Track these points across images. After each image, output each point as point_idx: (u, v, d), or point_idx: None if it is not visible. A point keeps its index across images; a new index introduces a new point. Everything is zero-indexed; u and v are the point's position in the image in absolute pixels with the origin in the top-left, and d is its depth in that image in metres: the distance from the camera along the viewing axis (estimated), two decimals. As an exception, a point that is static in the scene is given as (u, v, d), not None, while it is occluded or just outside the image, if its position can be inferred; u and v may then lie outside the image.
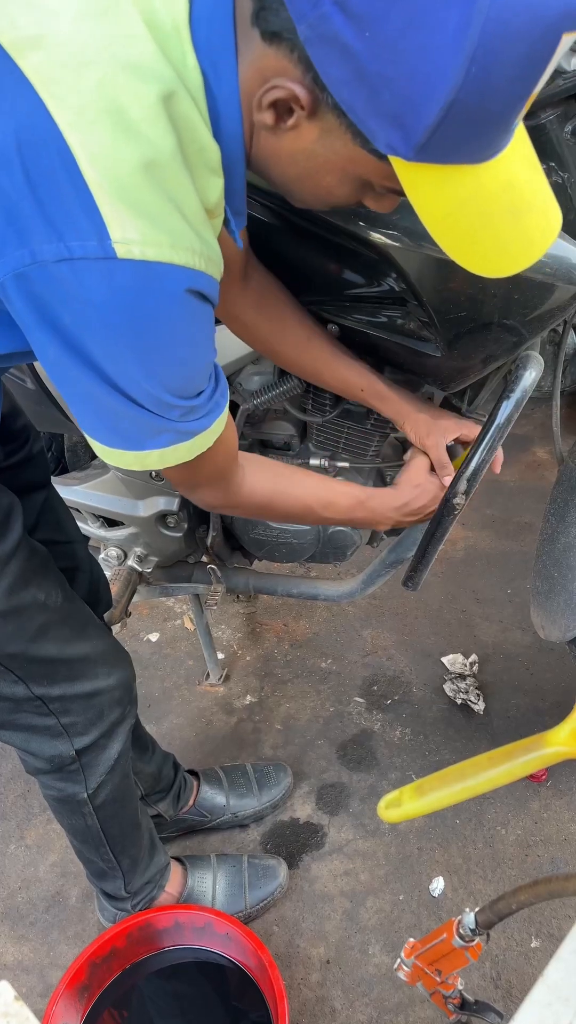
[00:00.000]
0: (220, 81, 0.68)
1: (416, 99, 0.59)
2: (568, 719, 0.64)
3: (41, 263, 0.66)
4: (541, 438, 2.67)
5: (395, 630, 2.06)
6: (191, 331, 0.74)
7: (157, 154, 0.65)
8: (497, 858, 1.55)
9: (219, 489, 0.97)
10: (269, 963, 1.23)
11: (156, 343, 0.71)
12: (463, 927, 0.73)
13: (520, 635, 2.00)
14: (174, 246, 0.68)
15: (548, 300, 1.05)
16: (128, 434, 0.78)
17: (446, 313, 1.06)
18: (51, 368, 0.75)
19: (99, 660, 1.14)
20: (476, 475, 1.19)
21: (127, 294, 0.67)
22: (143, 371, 0.72)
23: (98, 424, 0.79)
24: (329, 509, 1.10)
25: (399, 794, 0.70)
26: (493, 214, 0.69)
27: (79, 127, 0.63)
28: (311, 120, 0.68)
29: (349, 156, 0.70)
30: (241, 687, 1.95)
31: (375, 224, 1.02)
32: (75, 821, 1.26)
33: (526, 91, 0.60)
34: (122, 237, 0.65)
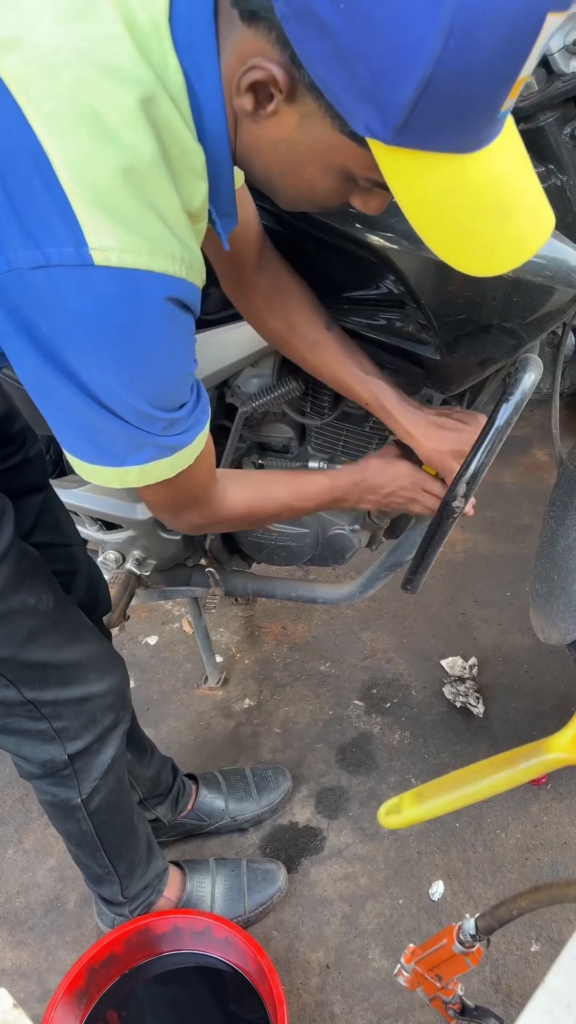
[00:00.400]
0: (202, 80, 0.67)
1: (392, 74, 0.57)
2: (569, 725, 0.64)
3: (17, 271, 0.64)
4: (540, 440, 2.67)
5: (394, 633, 2.06)
6: (171, 340, 0.73)
7: (137, 160, 0.64)
8: (497, 862, 1.54)
9: (203, 508, 0.95)
10: (268, 968, 1.23)
11: (135, 352, 0.70)
12: (463, 933, 0.73)
13: (520, 638, 2.00)
14: (153, 252, 0.66)
15: (547, 303, 1.05)
16: (107, 449, 0.76)
17: (445, 316, 1.06)
18: (29, 380, 0.73)
19: (91, 665, 1.13)
20: (475, 478, 1.19)
21: (104, 302, 0.66)
22: (122, 381, 0.71)
23: (77, 438, 0.77)
24: (303, 500, 1.11)
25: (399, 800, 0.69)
26: (479, 209, 0.67)
27: (55, 133, 0.62)
28: (290, 105, 0.66)
29: (329, 143, 0.67)
30: (240, 690, 1.94)
31: (374, 227, 1.02)
32: (70, 826, 1.26)
33: (510, 73, 0.58)
34: (99, 244, 0.63)
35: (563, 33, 0.98)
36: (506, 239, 0.69)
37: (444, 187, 0.65)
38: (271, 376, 1.29)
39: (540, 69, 1.03)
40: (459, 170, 0.64)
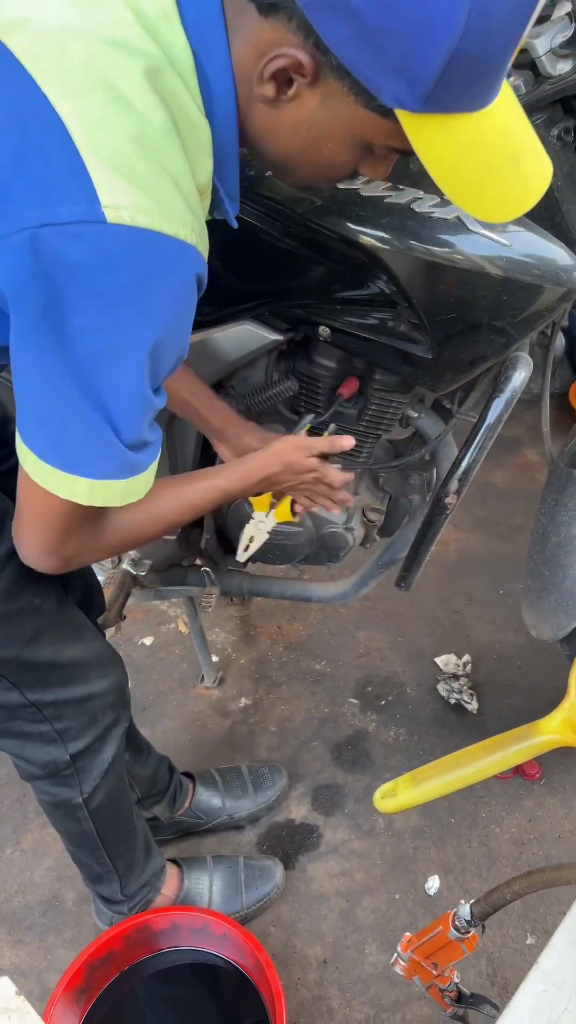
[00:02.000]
0: (212, 61, 0.70)
1: (421, 48, 0.61)
2: (560, 708, 0.65)
3: (25, 229, 0.64)
4: (531, 440, 2.69)
5: (389, 631, 2.07)
6: (173, 303, 0.72)
7: (148, 126, 0.66)
8: (492, 856, 1.56)
9: (90, 535, 0.86)
10: (266, 963, 1.24)
11: (139, 311, 0.69)
12: (459, 919, 0.74)
13: (513, 635, 2.02)
14: (165, 216, 0.67)
15: (536, 302, 1.07)
16: (70, 451, 0.74)
17: (436, 315, 1.08)
18: (18, 354, 0.71)
19: (92, 664, 1.14)
20: (467, 474, 1.21)
21: (113, 260, 0.65)
22: (119, 343, 0.69)
23: (43, 432, 0.74)
24: (193, 510, 1.01)
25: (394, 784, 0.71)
26: (494, 160, 0.71)
27: (69, 96, 0.63)
28: (312, 87, 0.70)
29: (352, 118, 0.71)
30: (236, 690, 1.96)
31: (365, 227, 1.03)
32: (70, 826, 1.26)
33: (518, 34, 0.64)
34: (112, 202, 0.64)
35: (549, 37, 1.00)
36: (518, 184, 0.74)
37: (463, 144, 0.69)
38: (265, 376, 1.30)
39: (527, 72, 1.05)
40: (474, 126, 0.69)
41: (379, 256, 1.04)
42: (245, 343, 1.23)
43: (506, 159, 0.72)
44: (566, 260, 1.06)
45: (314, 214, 1.05)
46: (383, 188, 1.02)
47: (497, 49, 0.63)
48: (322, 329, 1.19)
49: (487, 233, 1.03)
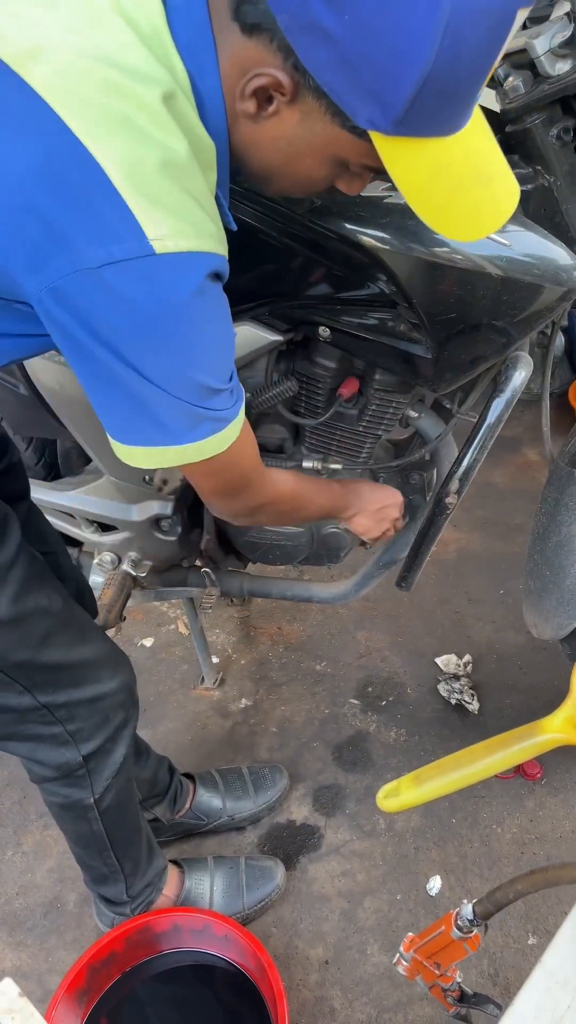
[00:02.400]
0: (204, 79, 0.72)
1: (394, 74, 0.65)
2: (562, 706, 0.65)
3: (83, 271, 0.68)
4: (531, 440, 2.69)
5: (389, 632, 2.07)
6: (221, 310, 0.78)
7: (172, 155, 0.69)
8: (493, 856, 1.56)
9: (255, 488, 0.99)
10: (268, 964, 1.24)
11: (197, 329, 0.74)
12: (461, 918, 0.74)
13: (513, 635, 2.02)
14: (199, 235, 0.71)
15: (536, 301, 1.07)
16: (169, 430, 0.80)
17: (436, 315, 1.08)
18: (91, 375, 0.77)
19: (101, 664, 1.15)
20: (468, 474, 1.21)
21: (167, 288, 0.70)
22: (186, 361, 0.75)
23: (138, 424, 0.80)
24: (319, 496, 1.16)
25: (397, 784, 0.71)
26: (464, 182, 0.75)
27: (98, 137, 0.66)
28: (291, 105, 0.73)
29: (328, 137, 0.74)
30: (236, 691, 1.95)
31: (365, 228, 1.03)
32: (79, 827, 1.26)
33: (489, 63, 0.67)
34: (155, 234, 0.68)
35: (548, 37, 1.00)
36: (487, 204, 0.78)
37: (433, 167, 0.73)
38: (265, 377, 1.30)
39: (527, 72, 1.05)
40: (445, 150, 0.72)
41: (379, 256, 1.04)
42: (245, 344, 1.23)
43: (475, 182, 0.75)
44: (566, 260, 1.06)
45: (314, 215, 1.05)
46: (383, 188, 1.02)
47: (468, 77, 0.66)
48: (322, 329, 1.19)
49: (486, 233, 1.02)
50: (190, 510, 1.52)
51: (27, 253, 0.70)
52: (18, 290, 0.74)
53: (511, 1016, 0.56)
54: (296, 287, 1.16)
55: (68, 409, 1.34)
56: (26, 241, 0.69)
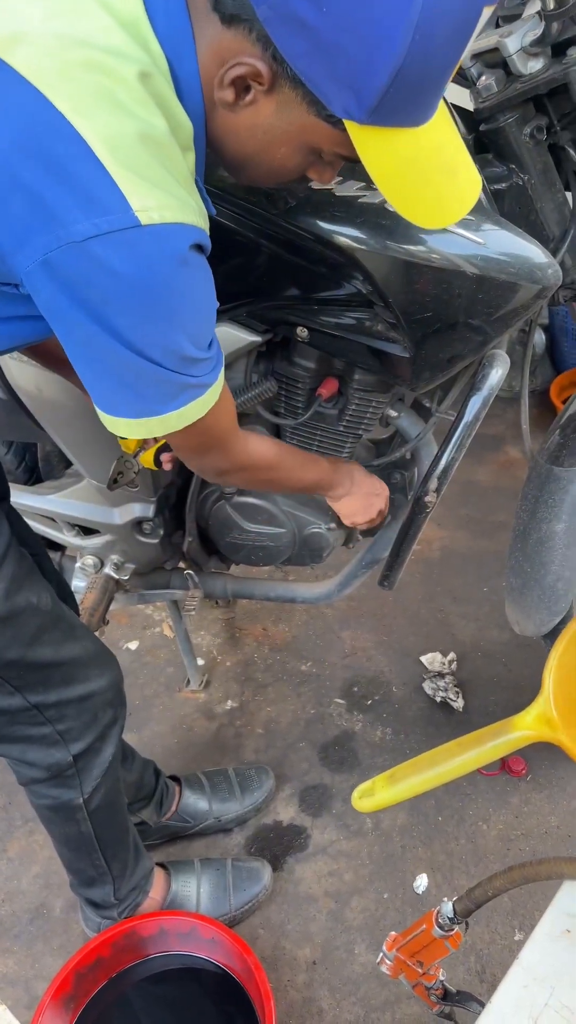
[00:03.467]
0: (183, 67, 0.74)
1: (370, 65, 0.68)
2: (534, 703, 0.66)
3: (71, 244, 0.69)
4: (513, 438, 2.70)
5: (374, 631, 2.07)
6: (204, 281, 0.80)
7: (152, 130, 0.71)
8: (479, 853, 1.56)
9: (228, 450, 1.01)
10: (255, 966, 1.24)
11: (180, 298, 0.76)
12: (442, 916, 0.74)
13: (497, 632, 2.02)
14: (182, 208, 0.73)
15: (512, 299, 1.07)
16: (153, 400, 0.82)
17: (412, 314, 1.08)
18: (79, 348, 0.79)
19: (90, 662, 1.15)
20: (446, 473, 1.21)
21: (153, 258, 0.72)
22: (171, 329, 0.77)
23: (123, 397, 0.82)
24: (306, 471, 1.19)
25: (372, 784, 0.71)
26: (431, 172, 0.78)
27: (80, 112, 0.68)
28: (269, 94, 0.75)
29: (304, 125, 0.77)
30: (222, 692, 1.95)
31: (341, 227, 1.03)
32: (68, 829, 1.26)
33: (456, 56, 0.71)
34: (141, 205, 0.69)
35: (520, 35, 1.00)
36: (451, 194, 0.81)
37: (403, 156, 0.76)
38: (244, 378, 1.30)
39: (499, 71, 1.05)
40: (414, 140, 0.75)
41: (354, 256, 1.04)
42: (223, 345, 1.21)
43: (441, 171, 0.79)
44: (540, 258, 1.06)
45: (289, 215, 1.05)
46: (357, 188, 1.02)
47: (437, 69, 0.70)
48: (300, 330, 1.19)
49: (462, 232, 1.03)
50: (172, 512, 1.51)
51: (14, 230, 0.71)
52: (7, 271, 0.75)
53: (490, 1013, 0.56)
54: (273, 288, 1.16)
55: (47, 412, 1.33)
56: (12, 218, 0.70)
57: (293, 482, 1.18)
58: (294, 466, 1.16)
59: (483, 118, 1.08)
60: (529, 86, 1.02)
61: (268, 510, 1.41)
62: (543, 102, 1.09)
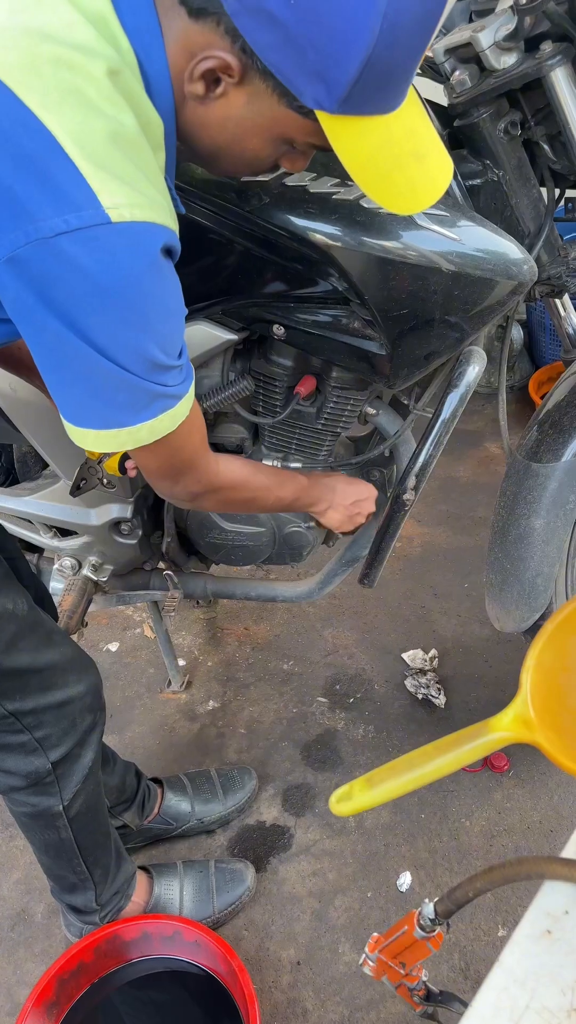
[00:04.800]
0: (152, 62, 0.73)
1: (339, 56, 0.68)
2: (511, 704, 0.65)
3: (39, 240, 0.68)
4: (493, 433, 2.70)
5: (355, 629, 2.07)
6: (174, 284, 0.78)
7: (122, 128, 0.70)
8: (462, 850, 1.56)
9: (199, 472, 0.98)
10: (239, 968, 1.23)
11: (149, 300, 0.74)
12: (423, 918, 0.73)
13: (478, 628, 2.03)
14: (152, 207, 0.72)
15: (488, 296, 1.07)
16: (121, 410, 0.80)
17: (388, 311, 1.08)
18: (45, 351, 0.76)
19: (68, 667, 1.14)
20: (424, 470, 1.20)
21: (122, 256, 0.70)
22: (139, 331, 0.75)
23: (91, 406, 0.80)
24: (282, 489, 1.17)
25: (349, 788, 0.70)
26: (403, 157, 0.79)
27: (50, 108, 0.67)
28: (239, 87, 0.75)
29: (275, 117, 0.77)
30: (204, 693, 1.94)
31: (316, 224, 1.03)
32: (48, 836, 1.25)
33: (425, 43, 0.72)
34: (112, 203, 0.68)
35: (493, 30, 1.00)
36: (423, 179, 0.81)
37: (374, 143, 0.77)
38: (221, 376, 1.29)
39: (473, 66, 1.05)
40: (385, 127, 0.76)
41: (329, 252, 1.04)
42: (199, 343, 1.21)
43: (412, 157, 0.79)
44: (516, 254, 1.06)
45: (263, 212, 1.04)
46: (331, 184, 1.02)
47: (405, 57, 0.70)
48: (276, 327, 1.18)
49: (437, 228, 1.03)
50: (150, 512, 1.50)
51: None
52: None
53: (470, 1018, 0.56)
54: (249, 285, 1.15)
55: (22, 413, 1.32)
56: None
57: (270, 502, 1.16)
58: (270, 485, 1.14)
59: (457, 113, 1.08)
60: (503, 81, 1.02)
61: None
62: (517, 97, 1.09)
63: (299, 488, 1.20)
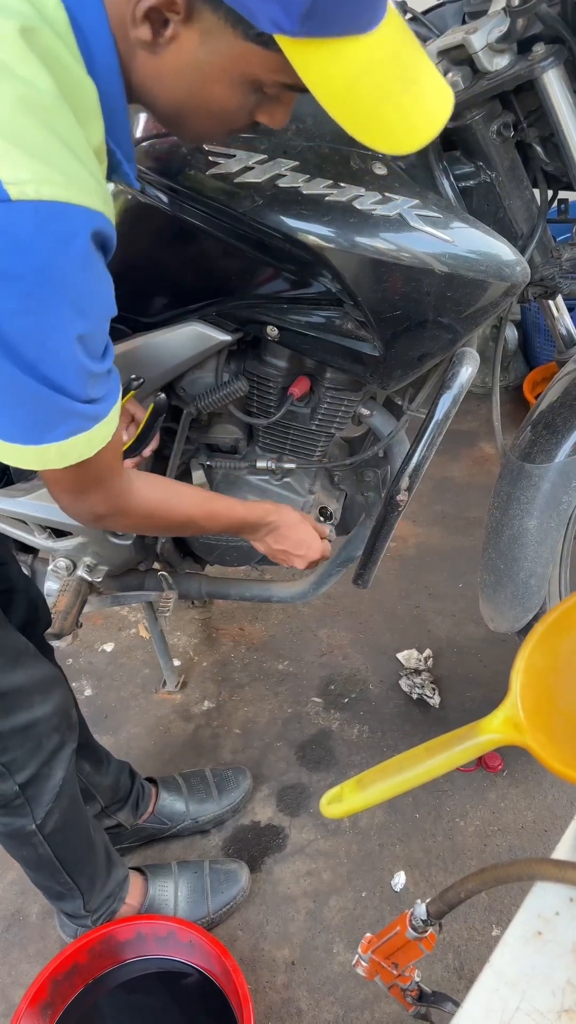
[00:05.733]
0: (86, 14, 0.67)
1: None
2: (501, 706, 0.65)
3: None
4: (487, 434, 2.70)
5: (350, 629, 2.07)
6: (95, 275, 0.70)
7: (35, 92, 0.63)
8: (456, 850, 1.56)
9: (107, 493, 0.88)
10: (233, 968, 1.23)
11: (65, 293, 0.66)
12: (415, 919, 0.74)
13: (473, 628, 2.03)
14: (69, 185, 0.64)
15: (481, 297, 1.07)
16: (28, 423, 0.72)
17: (382, 313, 1.08)
18: None
19: (34, 689, 1.12)
20: (418, 471, 1.21)
21: (26, 239, 0.62)
22: (48, 325, 0.67)
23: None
24: (211, 518, 1.08)
25: (340, 790, 0.70)
26: (388, 86, 0.69)
27: None
28: (189, 24, 0.68)
29: (234, 54, 0.69)
30: (199, 693, 1.94)
31: (309, 225, 1.03)
32: (26, 852, 1.24)
33: None
34: (14, 178, 0.61)
35: (486, 32, 1.00)
36: (416, 110, 0.71)
37: (353, 70, 0.67)
38: (215, 377, 1.29)
39: (466, 68, 1.05)
40: (363, 50, 0.66)
41: (323, 254, 1.04)
42: (193, 344, 1.21)
43: (401, 84, 0.69)
44: (509, 256, 1.06)
45: (257, 213, 1.04)
46: (324, 186, 1.02)
47: None
48: (270, 329, 1.18)
49: (430, 230, 1.03)
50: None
51: None
52: None
53: (461, 1018, 0.56)
54: (243, 286, 1.15)
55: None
56: None
57: (192, 531, 1.06)
58: (194, 515, 1.04)
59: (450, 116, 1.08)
60: (495, 83, 1.02)
61: (241, 510, 1.40)
62: (509, 99, 1.09)
63: (230, 515, 1.11)
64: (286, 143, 1.03)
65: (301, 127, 1.04)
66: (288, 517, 1.19)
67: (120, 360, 1.22)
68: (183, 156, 1.06)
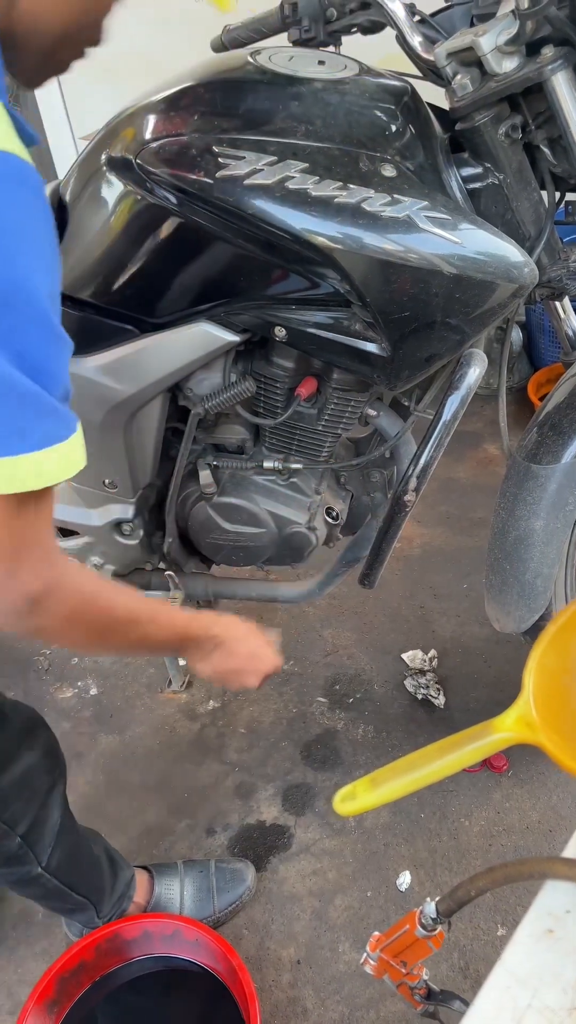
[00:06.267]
0: None
1: None
2: (514, 705, 0.66)
3: None
4: (492, 435, 2.70)
5: (355, 629, 2.08)
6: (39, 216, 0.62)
7: None
8: (462, 850, 1.57)
9: (46, 561, 0.73)
10: (239, 967, 1.24)
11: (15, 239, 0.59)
12: (425, 917, 0.74)
13: (478, 629, 2.03)
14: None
15: (489, 299, 1.07)
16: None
17: (390, 314, 1.08)
18: None
19: (17, 738, 1.12)
20: (425, 472, 1.21)
21: None
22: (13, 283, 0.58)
23: None
24: (153, 622, 0.90)
25: (353, 787, 0.71)
26: None
27: None
28: None
29: None
30: (204, 693, 1.95)
31: (318, 227, 1.03)
32: (35, 891, 1.25)
33: None
34: None
35: (495, 34, 1.00)
36: None
37: None
38: (223, 377, 1.29)
39: (474, 70, 1.05)
40: None
41: (332, 256, 1.04)
42: (201, 344, 1.22)
43: None
44: (517, 257, 1.07)
45: (266, 215, 1.05)
46: (333, 188, 1.02)
47: None
48: (277, 329, 1.19)
49: (438, 231, 1.03)
50: (151, 513, 1.50)
51: None
52: None
53: (472, 1015, 0.56)
54: (251, 287, 1.16)
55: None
56: None
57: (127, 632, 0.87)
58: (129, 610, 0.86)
59: (458, 117, 1.08)
60: (504, 85, 1.03)
61: (248, 510, 1.41)
62: (518, 101, 1.09)
63: (173, 624, 0.96)
64: (295, 145, 1.04)
65: (310, 129, 1.05)
66: (234, 630, 1.05)
67: (128, 361, 1.24)
68: (192, 157, 1.06)
